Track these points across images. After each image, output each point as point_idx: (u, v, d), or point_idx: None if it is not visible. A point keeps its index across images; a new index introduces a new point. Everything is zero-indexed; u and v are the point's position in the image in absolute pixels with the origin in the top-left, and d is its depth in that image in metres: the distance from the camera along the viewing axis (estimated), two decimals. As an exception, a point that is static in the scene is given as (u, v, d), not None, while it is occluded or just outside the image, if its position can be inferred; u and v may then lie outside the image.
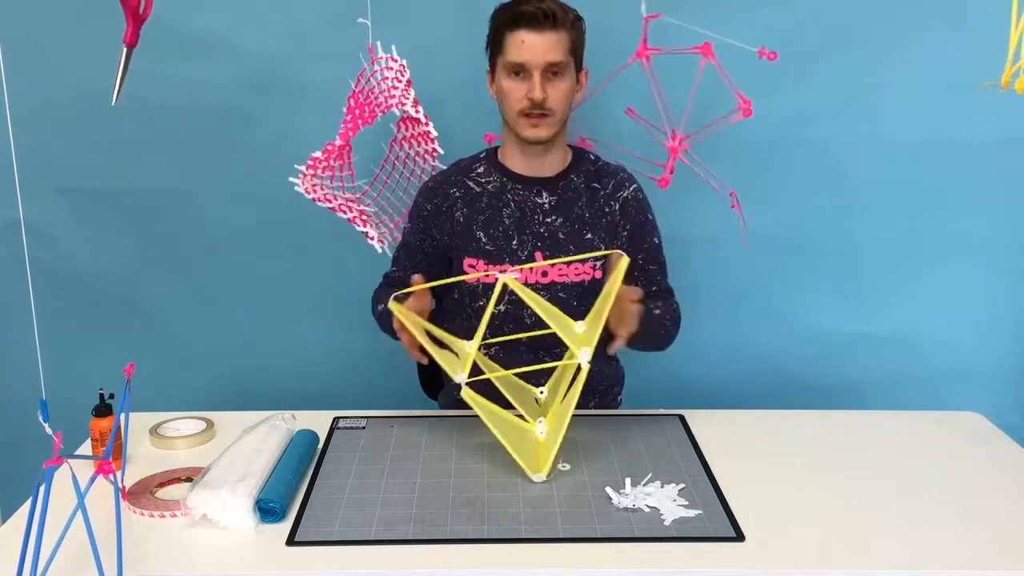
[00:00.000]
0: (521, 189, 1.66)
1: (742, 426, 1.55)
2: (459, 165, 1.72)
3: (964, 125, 1.98)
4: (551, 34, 1.53)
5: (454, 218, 1.66)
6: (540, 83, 1.55)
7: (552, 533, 1.18)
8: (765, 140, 1.97)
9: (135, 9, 1.21)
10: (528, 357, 1.65)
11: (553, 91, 1.56)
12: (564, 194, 1.66)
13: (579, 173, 1.68)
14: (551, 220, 1.65)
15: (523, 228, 1.65)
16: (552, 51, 1.54)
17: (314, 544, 1.16)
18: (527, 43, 1.54)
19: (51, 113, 1.97)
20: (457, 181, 1.68)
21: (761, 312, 2.12)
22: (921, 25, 1.93)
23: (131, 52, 1.23)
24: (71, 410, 1.39)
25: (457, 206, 1.66)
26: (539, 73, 1.54)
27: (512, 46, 1.55)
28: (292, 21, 1.94)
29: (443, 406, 1.82)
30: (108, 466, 1.09)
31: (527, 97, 1.56)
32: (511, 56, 1.55)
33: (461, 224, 1.66)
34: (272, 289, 2.11)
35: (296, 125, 1.98)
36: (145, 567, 1.10)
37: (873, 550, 1.16)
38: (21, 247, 1.48)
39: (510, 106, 1.59)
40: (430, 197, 1.69)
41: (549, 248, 1.64)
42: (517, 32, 1.54)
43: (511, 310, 1.65)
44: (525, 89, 1.56)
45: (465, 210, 1.66)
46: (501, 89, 1.60)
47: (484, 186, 1.67)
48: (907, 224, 2.06)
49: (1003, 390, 2.13)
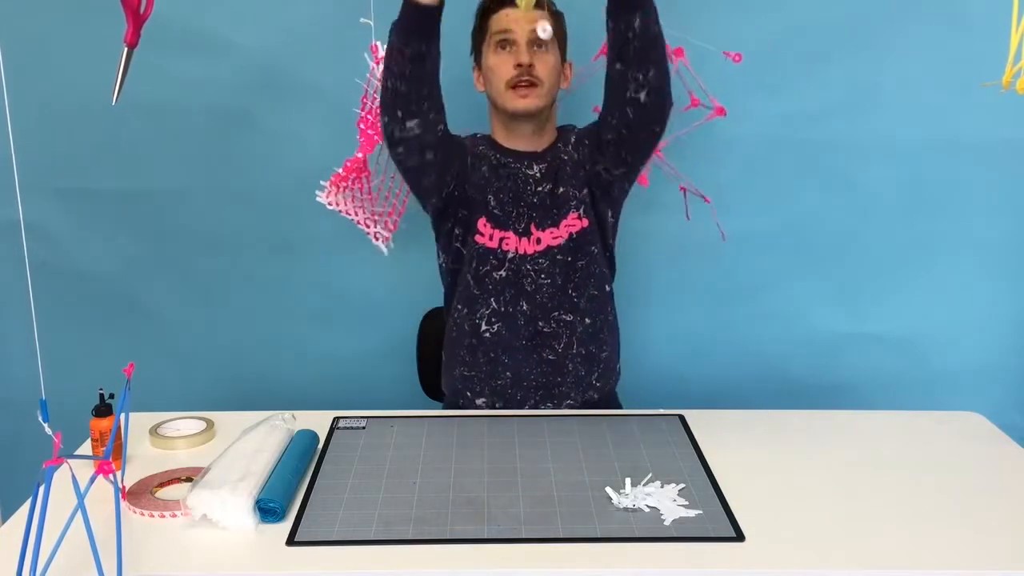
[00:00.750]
0: (513, 162, 1.68)
1: (742, 426, 1.55)
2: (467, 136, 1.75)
3: (964, 125, 1.98)
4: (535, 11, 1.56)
5: (481, 170, 1.68)
6: (527, 50, 1.59)
7: (552, 533, 1.18)
8: (764, 140, 1.97)
9: (135, 9, 1.21)
10: (528, 329, 1.66)
11: (540, 62, 1.60)
12: (552, 162, 1.69)
13: (564, 142, 1.71)
14: (542, 188, 1.67)
15: (518, 199, 1.67)
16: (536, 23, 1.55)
17: (314, 544, 1.16)
18: (511, 15, 1.59)
19: (51, 113, 1.97)
20: (473, 146, 1.71)
21: (761, 312, 2.12)
22: (921, 25, 1.93)
23: (132, 52, 1.23)
24: (71, 410, 1.39)
25: (482, 161, 1.69)
26: (525, 42, 1.59)
27: (496, 21, 1.62)
28: (293, 21, 1.94)
29: (444, 406, 1.82)
30: (108, 466, 1.09)
31: (515, 65, 1.59)
32: (496, 27, 1.60)
33: (481, 181, 1.67)
34: (272, 289, 2.11)
35: (297, 125, 1.98)
36: (145, 567, 1.10)
37: (873, 550, 1.16)
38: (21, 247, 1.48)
39: (498, 80, 1.61)
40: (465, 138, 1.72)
41: (540, 218, 1.66)
42: (501, 11, 1.61)
43: (510, 276, 1.66)
44: (512, 60, 1.59)
45: (485, 169, 1.68)
46: (488, 67, 1.63)
47: (488, 160, 1.69)
48: (907, 224, 2.06)
49: (1003, 390, 2.12)
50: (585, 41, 1.73)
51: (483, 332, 1.68)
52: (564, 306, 1.68)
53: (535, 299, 1.67)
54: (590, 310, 1.69)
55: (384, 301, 2.11)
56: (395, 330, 2.04)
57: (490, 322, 1.68)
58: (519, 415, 1.58)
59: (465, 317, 1.69)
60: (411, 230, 1.84)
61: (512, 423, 1.53)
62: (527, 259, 1.66)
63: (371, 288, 2.11)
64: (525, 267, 1.66)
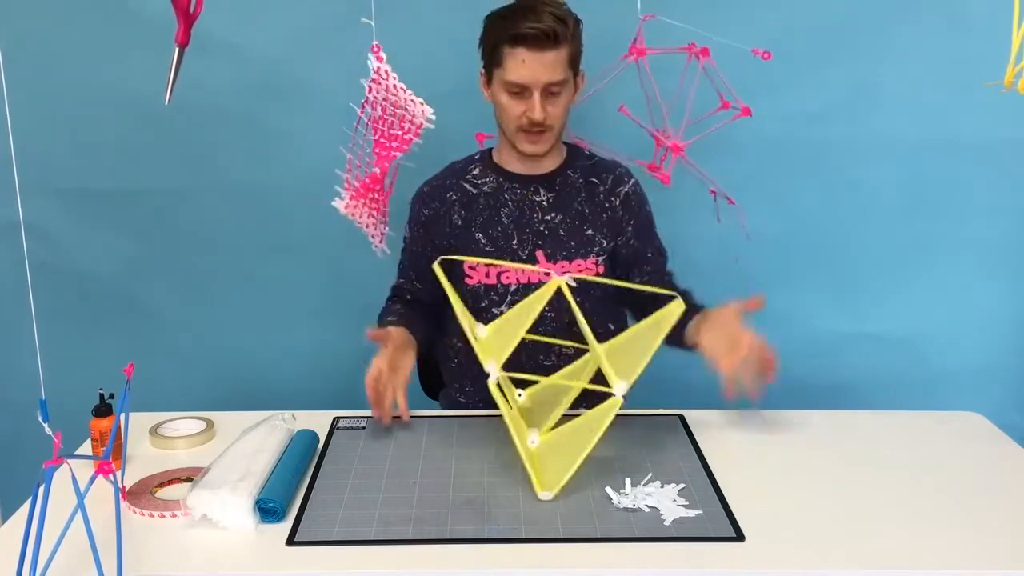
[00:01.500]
0: (518, 188, 1.66)
1: (742, 426, 1.55)
2: (453, 168, 1.71)
3: (964, 125, 1.98)
4: (551, 53, 1.50)
5: (452, 222, 1.66)
6: (540, 104, 1.53)
7: (552, 533, 1.18)
8: (765, 140, 1.97)
9: (186, 9, 1.21)
10: (530, 364, 1.65)
11: (552, 109, 1.55)
12: (562, 191, 1.66)
13: (575, 169, 1.68)
14: (550, 218, 1.65)
15: (522, 227, 1.64)
16: (552, 71, 1.51)
17: (314, 544, 1.16)
18: (527, 64, 1.50)
19: (51, 113, 1.97)
20: (453, 184, 1.68)
21: (761, 312, 2.12)
22: (921, 25, 1.93)
23: (183, 51, 1.23)
24: (71, 410, 1.39)
25: (454, 209, 1.66)
26: (539, 93, 1.52)
27: (511, 65, 1.52)
28: (294, 21, 1.94)
29: (444, 406, 1.82)
30: (108, 466, 1.09)
31: (526, 116, 1.54)
32: (510, 76, 1.52)
33: (460, 227, 1.65)
34: (272, 289, 2.11)
35: (297, 125, 1.98)
36: (145, 567, 1.10)
37: (873, 550, 1.16)
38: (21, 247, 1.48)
39: (508, 121, 1.58)
40: (427, 202, 1.68)
41: (550, 246, 1.64)
42: (516, 50, 1.50)
43: None
44: (524, 107, 1.54)
45: (463, 212, 1.65)
46: (499, 103, 1.58)
47: (480, 187, 1.66)
48: (907, 224, 2.06)
49: (1003, 390, 2.12)
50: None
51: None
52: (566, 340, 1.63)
53: (537, 330, 1.61)
54: None
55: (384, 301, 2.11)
56: (395, 330, 2.04)
57: None
58: (519, 415, 1.58)
59: (464, 354, 1.67)
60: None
61: (512, 423, 1.53)
62: (531, 288, 1.61)
63: (371, 288, 2.11)
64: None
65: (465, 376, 1.72)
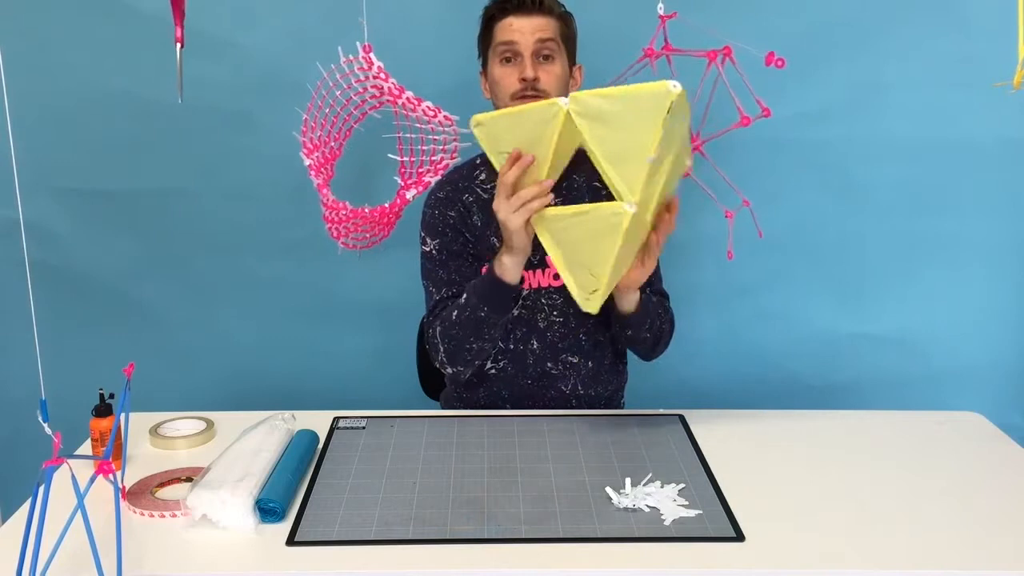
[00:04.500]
0: None
1: (742, 426, 1.55)
2: (459, 172, 1.70)
3: (965, 125, 1.98)
4: (538, 18, 1.55)
5: (473, 223, 1.65)
6: (531, 63, 1.56)
7: (552, 533, 1.18)
8: (765, 140, 1.97)
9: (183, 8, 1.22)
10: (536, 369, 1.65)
11: (545, 74, 1.56)
12: (568, 194, 1.66)
13: (580, 172, 1.68)
14: None
15: None
16: (541, 30, 1.55)
17: (314, 544, 1.16)
18: (515, 25, 1.56)
19: (51, 113, 1.97)
20: (466, 188, 1.66)
21: (761, 312, 2.12)
22: (922, 25, 1.93)
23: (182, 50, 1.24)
24: (71, 410, 1.39)
25: (473, 210, 1.65)
26: (529, 54, 1.55)
27: (500, 30, 1.57)
28: (292, 21, 1.94)
29: (444, 406, 1.82)
30: (108, 466, 1.09)
31: (519, 78, 1.56)
32: (501, 37, 1.57)
33: (479, 229, 1.64)
34: (272, 289, 2.11)
35: (296, 125, 1.97)
36: (145, 567, 1.10)
37: (873, 550, 1.16)
38: (21, 247, 1.48)
39: (503, 92, 1.58)
40: (448, 205, 1.65)
41: None
42: (505, 19, 1.57)
43: (524, 314, 1.65)
44: (517, 72, 1.56)
45: (481, 215, 1.64)
46: (493, 78, 1.60)
47: (490, 191, 1.65)
48: (907, 224, 2.06)
49: (1003, 390, 2.13)
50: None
51: (488, 370, 1.67)
52: (572, 348, 1.66)
53: (546, 337, 1.65)
54: (594, 355, 1.69)
55: (384, 301, 2.11)
56: (395, 330, 2.04)
57: (496, 360, 1.66)
58: (519, 415, 1.58)
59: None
60: (411, 231, 1.84)
61: (512, 423, 1.53)
62: (542, 293, 1.64)
63: (372, 288, 2.11)
64: (540, 301, 1.64)
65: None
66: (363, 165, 1.90)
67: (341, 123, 1.70)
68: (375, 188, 1.91)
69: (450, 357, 1.57)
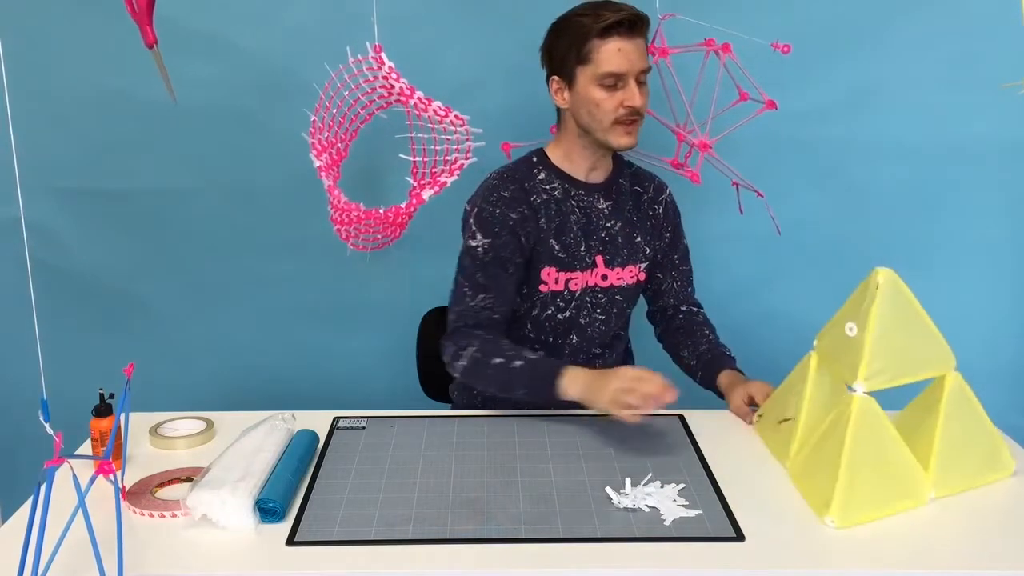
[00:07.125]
0: (584, 195, 1.65)
1: (742, 426, 1.55)
2: (514, 172, 1.64)
3: (965, 125, 1.98)
4: (640, 40, 1.53)
5: (539, 225, 1.61)
6: (639, 91, 1.53)
7: (552, 533, 1.18)
8: (765, 140, 1.97)
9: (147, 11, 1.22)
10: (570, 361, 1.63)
11: (644, 97, 1.55)
12: (618, 198, 1.68)
13: (624, 177, 1.70)
14: (611, 225, 1.67)
15: (589, 234, 1.64)
16: (644, 57, 1.54)
17: (314, 544, 1.16)
18: (623, 51, 1.50)
19: (51, 113, 1.97)
20: (532, 188, 1.62)
21: (761, 312, 2.12)
22: (921, 25, 1.93)
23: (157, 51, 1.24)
24: (71, 410, 1.39)
25: (540, 212, 1.61)
26: (634, 80, 1.53)
27: (606, 56, 1.50)
28: (293, 21, 1.94)
29: (455, 395, 1.81)
30: (108, 466, 1.09)
31: (625, 105, 1.52)
32: (607, 67, 1.51)
33: (543, 232, 1.61)
34: (272, 289, 2.11)
35: (296, 125, 1.97)
36: (145, 567, 1.10)
37: (873, 550, 1.16)
38: (21, 247, 1.48)
39: (604, 115, 1.54)
40: (512, 206, 1.59)
41: (610, 252, 1.67)
42: (609, 41, 1.50)
43: (572, 315, 1.67)
44: (619, 98, 1.53)
45: (547, 218, 1.62)
46: (590, 99, 1.54)
47: (551, 193, 1.63)
48: (907, 224, 2.06)
49: (1003, 390, 2.12)
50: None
51: None
52: (603, 343, 1.73)
53: (586, 332, 1.69)
54: (615, 347, 1.76)
55: (384, 301, 2.11)
56: (395, 330, 2.05)
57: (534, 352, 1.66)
58: (519, 415, 1.58)
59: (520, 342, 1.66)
60: (413, 232, 1.84)
61: (512, 423, 1.53)
62: (588, 291, 1.67)
63: (371, 288, 2.11)
64: (586, 299, 1.67)
65: None
66: (369, 166, 1.90)
67: (348, 124, 1.70)
68: (383, 189, 1.92)
69: (464, 377, 1.58)
